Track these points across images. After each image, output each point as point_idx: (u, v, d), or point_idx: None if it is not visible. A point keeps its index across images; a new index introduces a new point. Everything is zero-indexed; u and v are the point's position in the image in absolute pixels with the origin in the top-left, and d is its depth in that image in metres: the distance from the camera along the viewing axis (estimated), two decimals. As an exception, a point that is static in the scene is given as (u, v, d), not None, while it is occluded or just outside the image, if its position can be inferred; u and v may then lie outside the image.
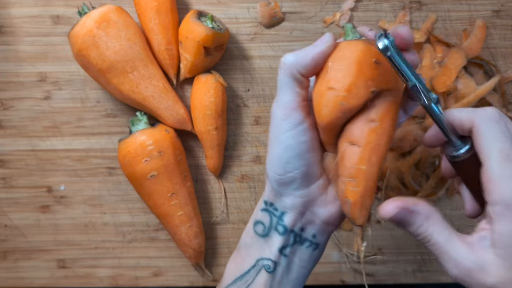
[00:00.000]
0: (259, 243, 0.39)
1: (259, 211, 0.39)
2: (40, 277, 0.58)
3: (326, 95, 0.35)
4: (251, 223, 0.40)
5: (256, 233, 0.39)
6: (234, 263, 0.40)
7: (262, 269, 0.38)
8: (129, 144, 0.50)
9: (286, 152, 0.36)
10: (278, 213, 0.38)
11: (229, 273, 0.40)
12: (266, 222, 0.39)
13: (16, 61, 0.55)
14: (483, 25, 0.53)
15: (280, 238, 0.38)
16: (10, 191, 0.57)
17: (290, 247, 0.38)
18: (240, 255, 0.40)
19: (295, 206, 0.38)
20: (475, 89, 0.52)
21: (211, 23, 0.50)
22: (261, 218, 0.39)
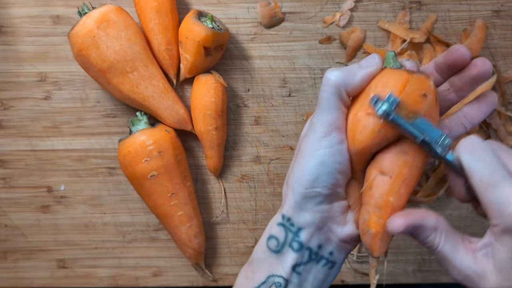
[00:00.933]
0: (271, 258, 0.38)
1: (274, 225, 0.38)
2: (40, 277, 0.58)
3: (364, 120, 0.35)
4: (264, 237, 0.39)
5: (269, 248, 0.38)
6: (244, 277, 0.39)
7: (273, 286, 0.37)
8: (129, 144, 0.50)
9: (320, 168, 0.36)
10: (295, 229, 0.37)
11: (239, 287, 0.39)
12: (280, 238, 0.38)
13: (16, 61, 0.55)
14: (483, 25, 0.53)
15: (294, 255, 0.37)
16: (10, 191, 0.57)
17: (304, 265, 0.38)
18: (251, 269, 0.39)
19: (314, 222, 0.37)
20: (475, 89, 0.52)
21: (211, 23, 0.50)
22: (275, 233, 0.38)
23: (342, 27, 0.53)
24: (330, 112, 0.36)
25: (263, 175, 0.56)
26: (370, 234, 0.36)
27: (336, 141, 0.36)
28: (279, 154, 0.55)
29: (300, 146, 0.38)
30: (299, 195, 0.37)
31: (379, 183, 0.35)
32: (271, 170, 0.56)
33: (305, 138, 0.38)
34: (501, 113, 0.53)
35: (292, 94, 0.55)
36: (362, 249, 0.56)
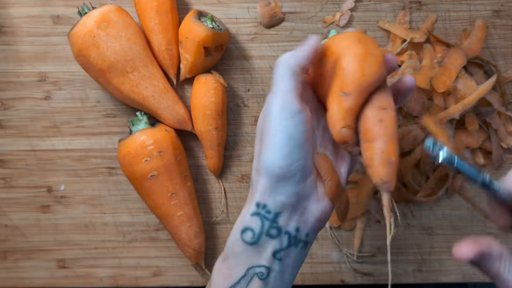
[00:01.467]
0: (248, 251, 0.37)
1: (247, 216, 0.37)
2: (40, 277, 0.58)
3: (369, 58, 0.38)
4: (237, 232, 0.37)
5: (244, 241, 0.37)
6: (220, 275, 0.38)
7: (255, 277, 0.37)
8: (129, 144, 0.50)
9: (290, 141, 0.36)
10: (272, 215, 0.37)
11: (217, 286, 0.38)
12: (256, 228, 0.37)
13: (16, 61, 0.55)
14: (483, 25, 0.53)
15: (273, 242, 0.37)
16: (10, 191, 0.57)
17: (284, 251, 0.37)
18: (226, 266, 0.38)
19: (291, 203, 0.37)
20: (475, 89, 0.52)
21: (211, 23, 0.50)
22: (250, 224, 0.37)
23: (342, 27, 0.53)
24: (284, 83, 0.37)
25: (263, 175, 0.56)
26: (391, 163, 0.37)
27: (296, 110, 0.37)
28: (279, 154, 0.55)
29: (262, 129, 0.38)
30: (275, 177, 0.36)
31: (387, 116, 0.38)
32: (271, 170, 0.56)
33: (265, 119, 0.38)
34: (501, 113, 0.53)
35: (292, 94, 0.54)
36: (362, 249, 0.56)
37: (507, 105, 0.53)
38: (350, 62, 0.38)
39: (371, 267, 0.56)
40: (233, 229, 0.38)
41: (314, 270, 0.57)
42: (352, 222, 0.56)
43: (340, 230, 0.56)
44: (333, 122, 0.38)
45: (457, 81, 0.52)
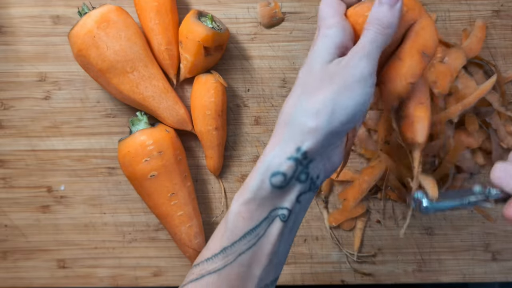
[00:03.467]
0: (273, 194, 0.36)
1: (281, 159, 0.36)
2: (40, 277, 0.58)
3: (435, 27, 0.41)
4: (264, 175, 0.36)
5: (273, 185, 0.36)
6: (240, 218, 0.37)
7: (276, 218, 0.37)
8: (129, 144, 0.50)
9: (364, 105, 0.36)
10: (306, 162, 0.36)
11: (235, 231, 0.37)
12: (289, 173, 0.36)
13: (16, 61, 0.55)
14: (483, 25, 0.53)
15: (300, 186, 0.37)
16: (10, 191, 0.57)
17: (305, 194, 0.37)
18: (247, 209, 0.37)
19: (323, 152, 0.37)
20: (475, 89, 0.52)
21: (211, 23, 0.50)
22: (281, 168, 0.36)
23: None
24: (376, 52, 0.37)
25: (263, 175, 0.56)
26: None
27: (374, 82, 0.37)
28: (279, 154, 0.55)
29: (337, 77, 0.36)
30: (333, 130, 0.36)
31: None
32: (271, 170, 0.56)
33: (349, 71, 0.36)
34: (501, 113, 0.53)
35: (292, 94, 0.55)
36: (362, 249, 0.56)
37: (507, 105, 0.53)
38: (430, 28, 0.39)
39: (371, 267, 0.56)
40: (256, 171, 0.37)
41: (314, 270, 0.57)
42: (352, 222, 0.56)
43: (340, 230, 0.56)
44: (405, 74, 0.39)
45: (457, 81, 0.52)
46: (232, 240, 0.37)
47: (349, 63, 0.36)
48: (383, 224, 0.56)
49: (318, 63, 0.37)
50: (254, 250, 0.37)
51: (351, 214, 0.55)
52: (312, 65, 0.37)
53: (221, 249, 0.38)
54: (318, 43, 0.38)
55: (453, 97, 0.52)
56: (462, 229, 0.56)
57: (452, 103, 0.52)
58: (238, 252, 0.37)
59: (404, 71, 0.39)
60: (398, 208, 0.56)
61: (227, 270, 0.37)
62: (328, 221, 0.56)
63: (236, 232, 0.37)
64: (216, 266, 0.37)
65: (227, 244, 0.37)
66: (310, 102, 0.36)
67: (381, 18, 0.37)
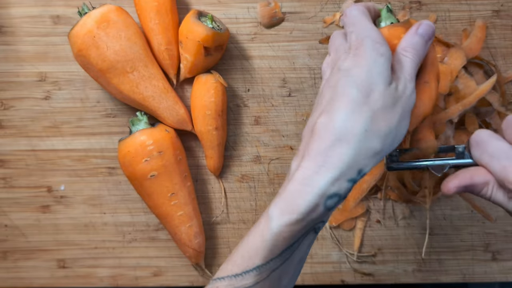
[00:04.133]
0: (323, 214, 0.36)
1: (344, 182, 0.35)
2: (40, 277, 0.58)
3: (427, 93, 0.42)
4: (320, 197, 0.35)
5: (327, 207, 0.35)
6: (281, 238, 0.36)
7: (311, 231, 0.37)
8: (129, 144, 0.50)
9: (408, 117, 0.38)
10: (359, 178, 0.36)
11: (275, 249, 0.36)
12: (343, 194, 0.36)
13: (16, 61, 0.55)
14: (483, 25, 0.53)
15: (340, 201, 0.37)
16: (10, 191, 0.57)
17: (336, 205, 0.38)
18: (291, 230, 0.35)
19: None
20: (475, 89, 0.52)
21: (211, 23, 0.50)
22: (341, 190, 0.35)
23: (342, 27, 0.53)
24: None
25: (263, 175, 0.56)
26: None
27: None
28: (279, 154, 0.55)
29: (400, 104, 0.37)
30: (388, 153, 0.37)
31: None
32: (271, 170, 0.56)
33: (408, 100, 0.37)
34: (501, 113, 0.53)
35: (292, 94, 0.55)
36: (362, 249, 0.56)
37: (507, 105, 0.53)
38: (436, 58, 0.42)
39: (371, 267, 0.56)
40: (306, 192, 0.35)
41: (314, 270, 0.57)
42: (352, 222, 0.56)
43: (340, 230, 0.56)
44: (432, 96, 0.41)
45: (457, 81, 0.52)
46: (268, 259, 0.36)
47: (405, 91, 0.37)
48: (383, 224, 0.56)
49: (381, 84, 0.36)
50: (287, 264, 0.37)
51: (351, 214, 0.55)
52: (371, 85, 0.36)
53: (255, 267, 0.36)
54: (371, 61, 0.36)
55: (453, 97, 0.52)
56: (462, 229, 0.56)
57: (452, 103, 0.52)
58: (272, 268, 0.36)
59: (432, 94, 0.40)
60: (398, 208, 0.56)
61: (258, 286, 0.37)
62: (328, 221, 0.56)
63: (274, 251, 0.36)
64: (247, 283, 0.36)
65: (262, 263, 0.36)
66: (380, 126, 0.36)
67: (416, 46, 0.38)
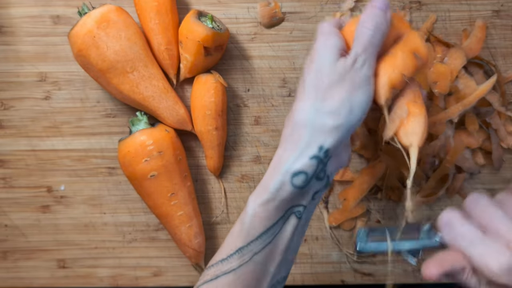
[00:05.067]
0: (293, 194, 0.38)
1: (304, 159, 0.37)
2: (40, 277, 0.58)
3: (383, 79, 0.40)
4: (285, 176, 0.37)
5: (294, 185, 0.37)
6: (257, 218, 0.38)
7: (292, 216, 0.38)
8: (129, 144, 0.50)
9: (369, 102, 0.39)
10: (327, 159, 0.38)
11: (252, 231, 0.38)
12: (310, 172, 0.37)
13: (16, 61, 0.55)
14: (483, 25, 0.53)
15: (317, 184, 0.38)
16: (10, 191, 0.57)
17: (321, 191, 0.39)
18: (265, 209, 0.38)
19: (338, 148, 0.39)
20: (475, 89, 0.52)
21: (211, 23, 0.50)
22: (304, 167, 0.37)
23: (342, 27, 0.53)
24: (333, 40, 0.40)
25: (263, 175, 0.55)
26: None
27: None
28: (279, 154, 0.55)
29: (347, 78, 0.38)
30: (351, 126, 0.38)
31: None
32: (271, 170, 0.56)
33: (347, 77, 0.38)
34: (501, 113, 0.53)
35: (292, 94, 0.55)
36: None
37: (507, 105, 0.53)
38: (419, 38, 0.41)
39: (371, 267, 0.56)
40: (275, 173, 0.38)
41: (314, 270, 0.57)
42: (352, 222, 0.56)
43: (340, 230, 0.56)
44: (398, 65, 0.40)
45: (457, 81, 0.52)
46: (248, 240, 0.38)
47: (355, 65, 0.38)
48: (383, 224, 0.56)
49: (326, 65, 0.38)
50: (270, 248, 0.38)
51: (351, 214, 0.55)
52: (320, 68, 0.39)
53: (237, 250, 0.38)
54: (320, 50, 0.39)
55: (453, 97, 0.52)
56: (462, 229, 0.56)
57: (452, 103, 0.52)
58: (253, 251, 0.38)
59: (397, 63, 0.40)
60: (398, 208, 0.56)
61: (243, 269, 0.38)
62: (328, 221, 0.56)
63: (252, 232, 0.38)
64: (232, 266, 0.38)
65: (242, 245, 0.38)
66: (328, 103, 0.38)
67: (374, 17, 0.39)
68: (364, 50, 0.38)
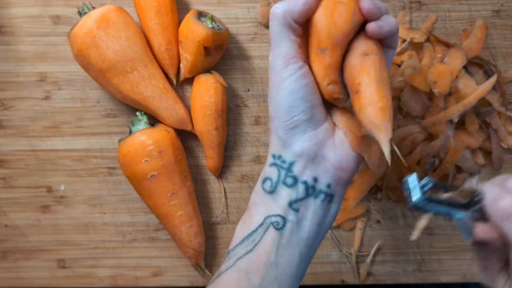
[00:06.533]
0: (267, 200, 0.38)
1: (267, 167, 0.39)
2: (40, 277, 0.58)
3: (338, 8, 0.36)
4: (259, 182, 0.39)
5: (264, 190, 0.38)
6: (243, 223, 0.39)
7: (270, 226, 0.37)
8: (129, 144, 0.50)
9: (291, 96, 0.37)
10: (286, 165, 0.38)
11: (238, 234, 0.39)
12: (274, 177, 0.38)
13: (16, 61, 0.55)
14: (483, 25, 0.53)
15: (288, 191, 0.37)
16: (10, 191, 0.57)
17: (300, 201, 0.37)
18: (248, 215, 0.39)
19: (304, 152, 0.37)
20: (475, 89, 0.52)
21: (211, 23, 0.50)
22: (268, 174, 0.38)
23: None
24: (283, 44, 0.37)
25: (263, 175, 0.56)
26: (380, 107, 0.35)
27: (296, 67, 0.37)
28: (279, 154, 0.55)
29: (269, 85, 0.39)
30: (282, 130, 0.38)
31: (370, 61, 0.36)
32: (271, 170, 0.56)
33: (269, 76, 0.39)
34: (501, 113, 0.53)
35: (292, 94, 0.54)
36: (362, 249, 0.56)
37: (507, 105, 0.53)
38: (320, 16, 0.36)
39: (371, 267, 0.56)
40: (257, 182, 0.40)
41: (314, 270, 0.57)
42: (352, 222, 0.56)
43: (340, 230, 0.56)
44: (318, 80, 0.38)
45: (457, 81, 0.52)
46: (233, 245, 0.38)
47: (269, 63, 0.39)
48: (383, 224, 0.56)
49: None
50: (251, 257, 0.37)
51: (351, 214, 0.55)
52: None
53: (227, 252, 0.39)
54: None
55: (453, 97, 0.52)
56: (462, 229, 0.56)
57: (452, 103, 0.52)
58: (237, 256, 0.38)
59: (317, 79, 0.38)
60: (398, 208, 0.56)
61: (228, 274, 0.38)
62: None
63: (237, 236, 0.39)
64: (221, 269, 0.38)
65: (230, 248, 0.39)
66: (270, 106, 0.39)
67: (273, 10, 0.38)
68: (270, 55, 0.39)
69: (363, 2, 0.36)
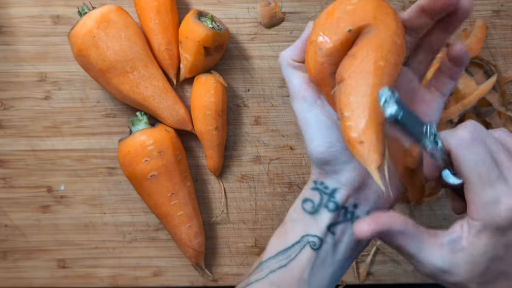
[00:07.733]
0: (306, 219, 0.38)
1: (308, 189, 0.39)
2: (40, 277, 0.58)
3: (309, 51, 0.35)
4: (299, 200, 0.39)
5: (304, 210, 0.38)
6: (277, 237, 0.39)
7: (307, 245, 0.37)
8: (129, 144, 0.50)
9: (320, 128, 0.37)
10: (329, 191, 0.37)
11: (272, 247, 0.39)
12: (316, 200, 0.38)
13: (16, 61, 0.55)
14: (483, 25, 0.53)
15: (329, 215, 0.37)
16: (10, 191, 0.57)
17: (340, 225, 0.37)
18: (285, 230, 0.39)
19: (350, 182, 0.37)
20: (475, 89, 0.52)
21: (211, 23, 0.50)
22: (310, 196, 0.38)
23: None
24: (293, 80, 0.38)
25: (263, 175, 0.56)
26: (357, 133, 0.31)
27: (312, 98, 0.37)
28: (279, 154, 0.55)
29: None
30: (319, 162, 0.37)
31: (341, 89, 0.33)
32: (271, 170, 0.56)
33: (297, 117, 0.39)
34: (501, 113, 0.53)
35: (292, 94, 0.55)
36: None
37: (507, 105, 0.53)
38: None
39: (371, 266, 0.56)
40: (297, 199, 0.39)
41: (314, 270, 0.57)
42: (352, 222, 0.56)
43: (340, 230, 0.56)
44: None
45: (457, 81, 0.52)
46: (267, 256, 0.38)
47: None
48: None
49: None
50: (284, 272, 0.37)
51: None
52: None
53: (258, 264, 0.39)
54: None
55: (453, 97, 0.52)
56: (462, 229, 0.56)
57: (452, 103, 0.52)
58: (270, 269, 0.38)
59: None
60: (398, 208, 0.56)
61: (259, 285, 0.38)
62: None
63: (271, 249, 0.39)
64: (250, 280, 0.38)
65: (263, 259, 0.39)
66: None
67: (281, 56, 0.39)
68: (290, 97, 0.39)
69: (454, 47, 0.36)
